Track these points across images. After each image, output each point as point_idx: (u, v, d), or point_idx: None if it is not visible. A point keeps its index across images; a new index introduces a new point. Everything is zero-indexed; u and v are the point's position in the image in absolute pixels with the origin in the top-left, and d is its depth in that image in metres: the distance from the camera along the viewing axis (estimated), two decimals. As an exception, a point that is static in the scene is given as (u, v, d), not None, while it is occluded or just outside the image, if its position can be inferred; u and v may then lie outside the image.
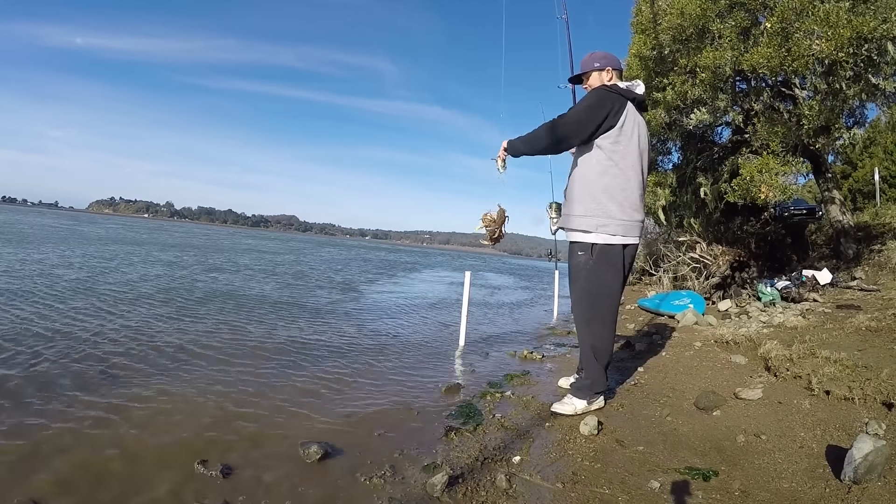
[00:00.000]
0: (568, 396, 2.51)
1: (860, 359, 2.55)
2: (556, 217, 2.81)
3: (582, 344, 2.49)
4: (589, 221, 2.36)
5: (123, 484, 1.64)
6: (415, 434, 2.21)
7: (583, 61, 2.58)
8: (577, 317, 2.49)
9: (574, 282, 2.45)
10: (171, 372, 2.88)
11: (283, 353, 3.55)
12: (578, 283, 2.42)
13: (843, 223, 5.89)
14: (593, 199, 2.36)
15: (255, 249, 20.15)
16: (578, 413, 2.41)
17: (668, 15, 5.34)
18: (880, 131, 13.21)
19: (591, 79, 2.54)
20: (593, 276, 2.38)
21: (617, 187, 2.35)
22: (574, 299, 2.48)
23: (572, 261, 2.46)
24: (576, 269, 2.43)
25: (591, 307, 2.42)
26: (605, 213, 2.34)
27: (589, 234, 2.37)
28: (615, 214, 2.34)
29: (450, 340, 4.61)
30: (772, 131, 4.95)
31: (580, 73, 2.58)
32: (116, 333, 3.66)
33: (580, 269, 2.41)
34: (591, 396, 2.47)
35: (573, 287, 2.47)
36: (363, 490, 1.68)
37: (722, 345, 3.52)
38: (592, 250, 2.37)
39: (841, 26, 4.13)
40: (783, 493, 1.66)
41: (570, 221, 2.44)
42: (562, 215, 2.55)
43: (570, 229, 2.44)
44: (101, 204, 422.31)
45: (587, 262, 2.38)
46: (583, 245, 2.39)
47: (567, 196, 2.50)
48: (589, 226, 2.36)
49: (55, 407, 2.22)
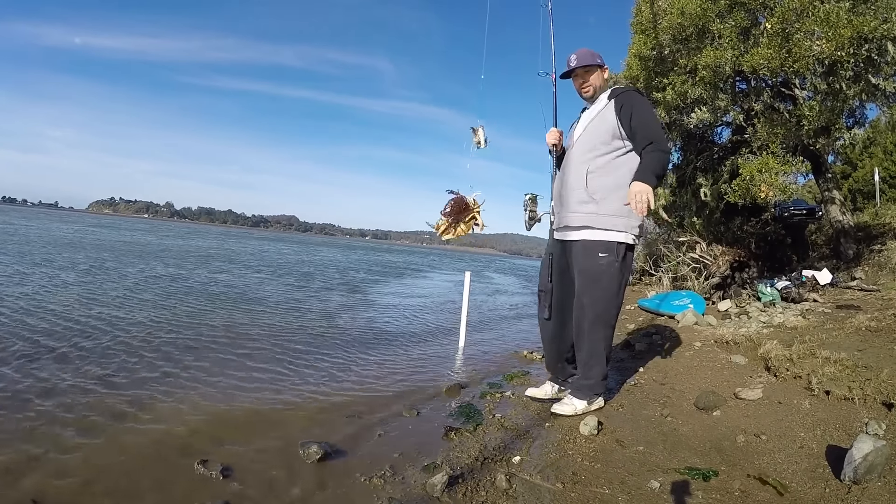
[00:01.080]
0: (568, 397, 2.49)
1: (860, 359, 2.55)
2: (533, 210, 2.71)
3: (592, 345, 2.42)
4: (623, 222, 2.34)
5: (123, 485, 1.63)
6: (415, 434, 2.21)
7: (580, 55, 2.50)
8: (592, 318, 2.39)
9: (592, 283, 2.37)
10: (170, 373, 2.88)
11: (280, 356, 3.55)
12: (599, 285, 2.35)
13: (843, 223, 5.88)
14: (625, 199, 2.29)
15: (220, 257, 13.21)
16: (578, 413, 2.39)
17: (668, 15, 5.33)
18: (880, 131, 13.20)
19: (593, 77, 2.51)
20: (618, 277, 2.35)
21: None
22: (589, 301, 2.38)
23: (589, 261, 2.37)
24: (595, 269, 2.36)
25: (608, 309, 2.38)
26: (634, 215, 2.31)
27: (620, 234, 2.34)
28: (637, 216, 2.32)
29: (450, 340, 4.61)
30: (772, 131, 4.95)
31: (584, 65, 2.49)
32: (116, 335, 3.66)
33: (601, 271, 2.34)
34: (591, 397, 2.45)
35: (589, 288, 2.38)
36: (363, 490, 1.68)
37: (722, 345, 3.52)
38: (618, 251, 2.34)
39: (841, 26, 4.13)
40: (783, 494, 1.66)
41: (598, 220, 2.36)
42: (576, 211, 2.41)
43: (599, 227, 2.36)
44: (100, 204, 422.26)
45: (611, 263, 2.33)
46: (609, 245, 2.34)
47: (591, 190, 2.37)
48: (623, 226, 2.34)
49: (54, 409, 2.22)
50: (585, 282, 2.40)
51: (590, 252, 2.37)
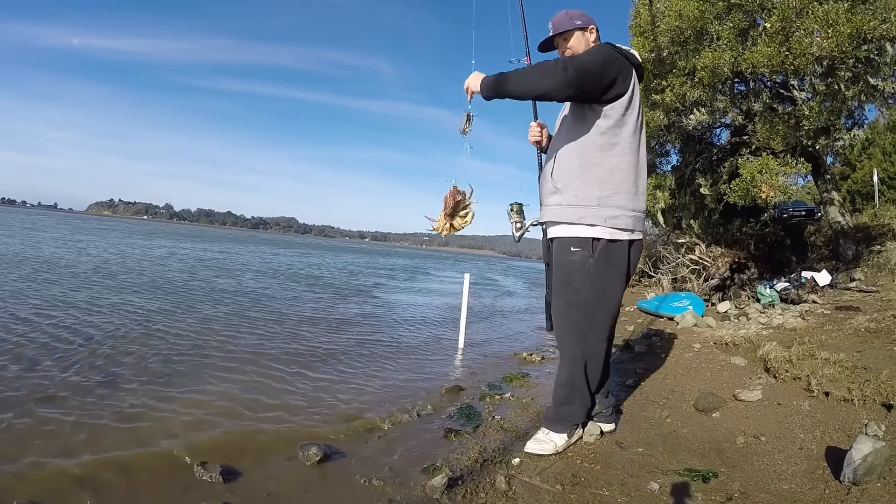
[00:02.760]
0: (543, 431, 2.06)
1: (859, 360, 2.55)
2: (519, 221, 2.32)
3: (568, 363, 2.01)
4: (592, 212, 1.90)
5: (123, 485, 1.63)
6: (414, 436, 2.21)
7: (556, 21, 2.07)
8: (565, 330, 2.01)
9: (564, 286, 1.99)
10: (170, 375, 2.88)
11: (278, 358, 3.55)
12: (570, 288, 1.96)
13: (842, 224, 5.89)
14: (599, 184, 1.90)
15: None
16: (559, 451, 2.00)
17: (666, 17, 5.35)
18: (879, 132, 13.22)
19: (573, 41, 2.04)
20: (592, 279, 1.92)
21: (626, 169, 1.92)
22: (561, 307, 2.02)
23: (562, 259, 1.98)
24: (567, 270, 1.96)
25: (587, 318, 1.97)
26: (614, 202, 1.90)
27: (593, 228, 1.91)
28: (624, 204, 1.92)
29: (450, 342, 4.61)
30: (772, 131, 4.96)
31: (555, 34, 2.06)
32: (114, 338, 3.65)
33: (573, 271, 1.94)
34: (572, 428, 2.05)
35: (562, 292, 2.01)
36: (363, 492, 1.68)
37: (721, 346, 3.52)
38: (593, 247, 1.92)
39: (840, 24, 4.14)
40: (783, 495, 1.66)
41: (562, 212, 1.96)
42: (546, 205, 2.05)
43: (564, 222, 1.97)
44: (100, 206, 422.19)
45: (585, 261, 1.92)
46: (581, 240, 1.93)
47: (555, 179, 1.99)
48: (592, 217, 1.90)
49: (55, 412, 2.21)
50: (556, 285, 2.05)
51: (560, 249, 2.01)
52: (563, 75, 1.76)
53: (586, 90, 1.83)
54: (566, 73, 1.76)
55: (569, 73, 1.76)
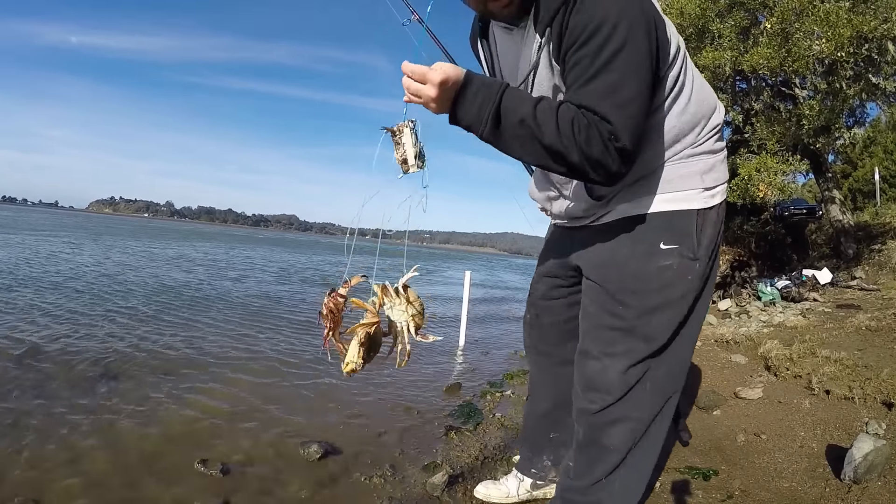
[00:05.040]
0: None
1: (860, 358, 2.55)
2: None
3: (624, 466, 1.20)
4: (700, 171, 1.12)
5: (124, 483, 1.63)
6: (415, 433, 2.21)
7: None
8: (651, 393, 1.20)
9: (646, 315, 1.14)
10: (171, 374, 2.88)
11: (277, 358, 3.55)
12: (665, 315, 1.14)
13: (843, 223, 5.88)
14: (698, 136, 1.12)
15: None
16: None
17: (667, 15, 5.33)
18: (880, 131, 13.21)
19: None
20: (698, 292, 1.15)
21: (704, 116, 1.13)
22: (629, 354, 1.15)
23: (646, 265, 1.13)
24: (653, 281, 1.13)
25: (683, 369, 1.27)
26: (716, 158, 1.15)
27: (704, 194, 1.12)
28: (717, 164, 1.16)
29: (450, 340, 4.61)
30: (770, 130, 4.95)
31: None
32: (113, 338, 3.66)
33: (667, 282, 1.13)
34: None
35: (637, 326, 1.15)
36: (363, 489, 1.68)
37: (722, 344, 3.52)
38: (700, 233, 1.12)
39: (841, 26, 4.13)
40: (783, 493, 1.66)
41: (648, 184, 1.12)
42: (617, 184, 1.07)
43: (654, 193, 1.12)
44: (101, 203, 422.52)
45: (687, 263, 1.12)
46: (678, 225, 1.12)
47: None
48: (705, 180, 1.12)
49: (56, 409, 2.22)
50: (615, 313, 1.23)
51: (636, 244, 1.17)
52: (611, 161, 0.93)
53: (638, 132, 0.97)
54: (615, 160, 0.93)
55: (617, 155, 0.93)
